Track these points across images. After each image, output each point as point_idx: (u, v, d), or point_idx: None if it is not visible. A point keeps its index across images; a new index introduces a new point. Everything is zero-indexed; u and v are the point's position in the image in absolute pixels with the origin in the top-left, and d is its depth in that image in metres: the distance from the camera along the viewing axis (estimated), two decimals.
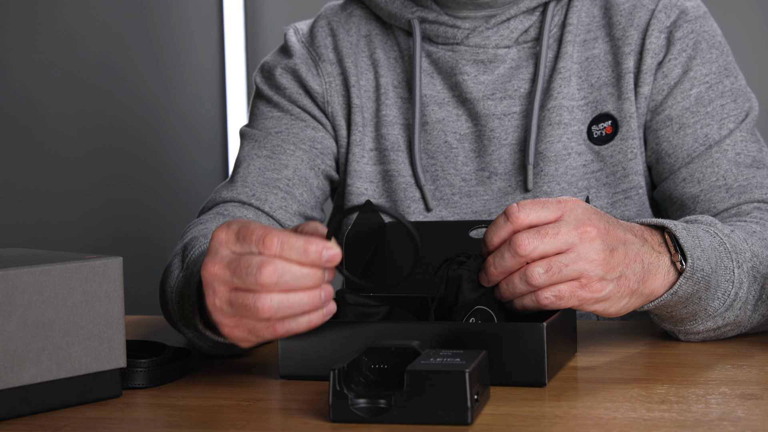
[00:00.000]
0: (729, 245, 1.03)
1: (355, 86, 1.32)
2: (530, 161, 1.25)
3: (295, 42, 1.36)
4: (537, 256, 0.90)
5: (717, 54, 1.28)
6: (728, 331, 1.05)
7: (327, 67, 1.33)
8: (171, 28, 2.32)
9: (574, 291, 0.91)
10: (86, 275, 0.87)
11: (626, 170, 1.26)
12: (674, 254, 0.97)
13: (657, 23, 1.26)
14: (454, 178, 1.28)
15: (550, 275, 0.90)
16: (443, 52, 1.29)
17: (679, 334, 1.05)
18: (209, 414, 0.86)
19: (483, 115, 1.28)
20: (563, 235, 0.90)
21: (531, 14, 1.28)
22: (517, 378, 0.90)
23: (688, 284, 0.97)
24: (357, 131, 1.31)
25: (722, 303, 1.01)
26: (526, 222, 0.91)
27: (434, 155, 1.29)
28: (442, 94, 1.29)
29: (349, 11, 1.36)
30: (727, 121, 1.25)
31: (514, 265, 0.91)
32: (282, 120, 1.33)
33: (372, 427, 0.80)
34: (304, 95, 1.33)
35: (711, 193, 1.22)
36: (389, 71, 1.32)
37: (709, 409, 0.82)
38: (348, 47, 1.33)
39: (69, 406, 0.88)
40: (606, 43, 1.28)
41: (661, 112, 1.26)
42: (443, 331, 0.91)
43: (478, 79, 1.28)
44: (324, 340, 0.94)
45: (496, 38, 1.28)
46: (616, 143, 1.26)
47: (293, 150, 1.30)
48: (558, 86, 1.27)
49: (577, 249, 0.90)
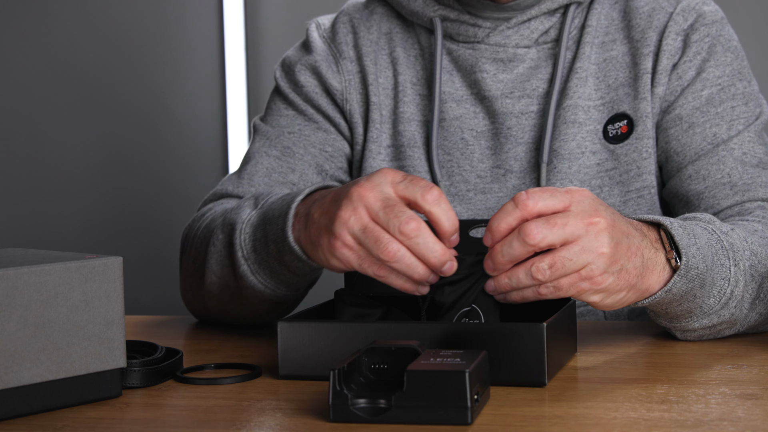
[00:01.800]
0: (726, 243, 1.03)
1: (373, 84, 1.33)
2: (544, 159, 1.26)
3: (317, 38, 1.37)
4: (546, 245, 0.90)
5: (731, 58, 1.29)
6: (724, 329, 1.05)
7: (347, 64, 1.34)
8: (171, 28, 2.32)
9: (574, 282, 0.91)
10: (86, 275, 0.87)
11: (640, 169, 1.27)
12: (669, 251, 0.97)
13: (674, 25, 1.27)
14: (470, 174, 1.29)
15: (553, 271, 0.90)
16: (463, 50, 1.30)
17: (675, 331, 1.05)
18: (209, 414, 0.86)
19: (501, 113, 1.29)
20: (571, 226, 0.90)
21: (552, 16, 1.29)
22: (517, 378, 0.90)
23: (682, 282, 0.97)
24: (374, 128, 1.32)
25: (718, 301, 1.01)
26: (536, 210, 0.91)
27: (450, 152, 1.30)
28: (461, 92, 1.30)
29: (371, 9, 1.37)
30: (736, 123, 1.26)
31: (522, 254, 0.91)
32: (296, 120, 1.34)
33: (372, 427, 0.80)
34: (322, 93, 1.34)
35: (715, 189, 1.23)
36: (408, 69, 1.33)
37: (709, 409, 0.82)
38: (368, 45, 1.34)
39: (69, 406, 0.88)
40: (624, 45, 1.29)
41: (672, 111, 1.27)
42: (443, 331, 0.91)
43: (497, 77, 1.29)
44: (324, 340, 0.94)
45: (516, 38, 1.29)
46: (631, 142, 1.27)
47: (302, 154, 1.31)
48: (574, 86, 1.28)
49: (583, 241, 0.90)
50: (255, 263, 1.09)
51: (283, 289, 1.11)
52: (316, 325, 0.95)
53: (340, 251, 0.94)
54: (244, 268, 1.10)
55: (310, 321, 0.97)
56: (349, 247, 0.94)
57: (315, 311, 1.03)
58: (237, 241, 1.09)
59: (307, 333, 0.94)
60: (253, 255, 1.09)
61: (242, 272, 1.10)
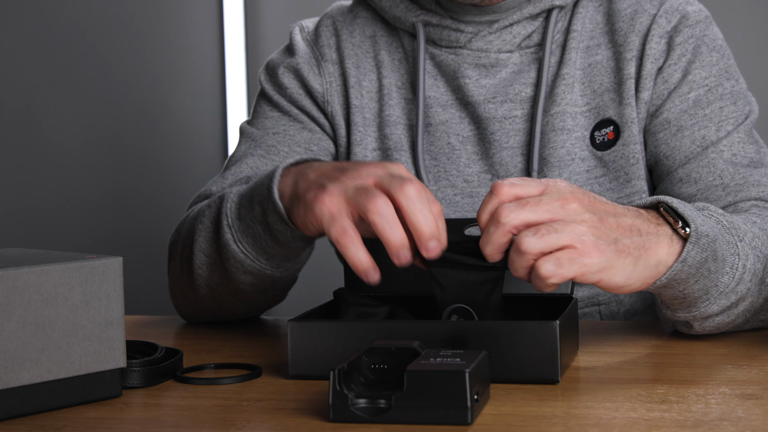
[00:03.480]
0: (726, 222, 1.02)
1: (354, 87, 1.32)
2: (534, 168, 1.26)
3: (300, 40, 1.37)
4: (519, 222, 0.90)
5: (717, 57, 1.28)
6: (740, 314, 1.03)
7: (329, 66, 1.34)
8: (171, 28, 2.32)
9: (573, 257, 0.89)
10: (86, 275, 0.87)
11: (629, 175, 1.26)
12: (674, 222, 0.96)
13: (658, 28, 1.27)
14: (457, 179, 1.29)
15: (539, 237, 0.89)
16: (446, 55, 1.30)
17: (694, 322, 1.03)
18: (209, 414, 0.86)
19: (484, 118, 1.28)
20: (545, 204, 0.90)
21: (534, 20, 1.29)
22: (530, 376, 0.90)
23: (696, 250, 0.95)
24: (357, 131, 1.31)
25: (732, 277, 1.00)
26: (511, 194, 0.91)
27: (437, 156, 1.30)
28: (446, 97, 1.30)
29: (355, 12, 1.37)
30: (725, 124, 1.25)
31: (499, 236, 0.91)
32: (280, 121, 1.34)
33: (372, 427, 0.80)
34: (305, 95, 1.34)
35: (708, 192, 1.22)
36: (393, 72, 1.33)
37: (709, 409, 0.82)
38: (350, 48, 1.34)
39: (69, 406, 0.88)
40: (609, 50, 1.29)
41: (660, 115, 1.26)
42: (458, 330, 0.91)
43: (479, 82, 1.28)
44: (335, 339, 0.94)
45: (498, 43, 1.28)
46: (618, 148, 1.26)
47: (287, 152, 1.31)
48: (561, 92, 1.27)
49: (561, 216, 0.90)
50: (238, 231, 1.08)
51: (263, 261, 1.09)
52: (327, 325, 0.94)
53: (320, 203, 0.94)
54: (227, 236, 1.09)
55: (321, 320, 0.97)
56: (332, 198, 0.94)
57: (317, 312, 1.03)
58: (224, 209, 1.09)
59: (318, 332, 0.94)
60: (237, 223, 1.08)
61: (225, 241, 1.09)
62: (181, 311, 1.26)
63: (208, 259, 1.14)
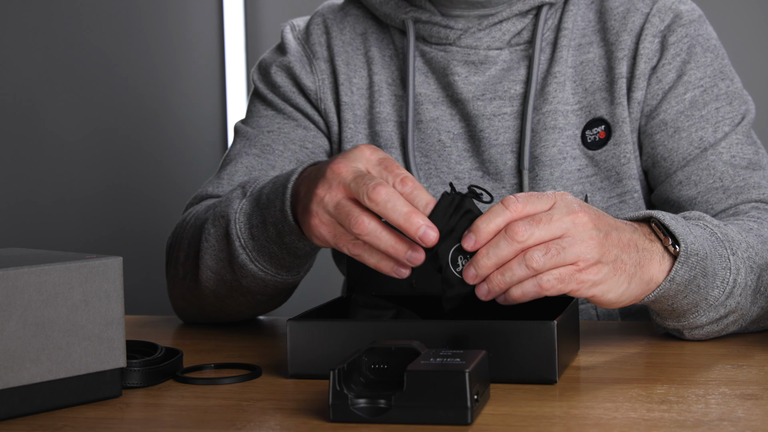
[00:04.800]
0: (720, 234, 1.03)
1: (344, 84, 1.33)
2: (525, 166, 1.25)
3: (291, 39, 1.37)
4: (533, 242, 0.90)
5: (712, 57, 1.27)
6: (731, 323, 1.04)
7: (320, 64, 1.34)
8: (171, 28, 2.32)
9: (572, 274, 0.91)
10: (86, 275, 0.87)
11: (620, 175, 1.26)
12: (665, 239, 0.97)
13: (651, 27, 1.26)
14: (447, 176, 1.29)
15: (549, 257, 0.90)
16: (436, 52, 1.30)
17: (684, 330, 1.04)
18: (209, 414, 0.86)
19: (473, 115, 1.28)
20: (556, 221, 0.91)
21: (524, 17, 1.29)
22: (528, 376, 0.90)
23: (684, 269, 0.97)
24: (348, 128, 1.32)
25: (722, 291, 1.01)
26: (525, 212, 0.91)
27: (428, 153, 1.30)
28: (436, 94, 1.30)
29: (346, 10, 1.37)
30: (722, 124, 1.25)
31: (509, 254, 0.90)
32: (275, 119, 1.34)
33: (372, 427, 0.80)
34: (298, 93, 1.34)
35: (708, 194, 1.22)
36: (383, 69, 1.33)
37: (709, 409, 0.82)
38: (340, 45, 1.35)
39: (69, 406, 0.88)
40: (600, 48, 1.28)
41: (656, 117, 1.26)
42: (457, 329, 0.91)
43: (468, 80, 1.28)
44: (334, 339, 0.94)
45: (487, 40, 1.28)
46: (610, 148, 1.26)
47: (282, 150, 1.31)
48: (553, 90, 1.27)
49: (572, 233, 0.91)
50: (254, 251, 1.09)
51: (284, 274, 1.11)
52: (327, 324, 0.94)
53: (317, 229, 0.96)
54: (243, 257, 1.09)
55: (320, 320, 0.97)
56: (324, 224, 0.95)
57: (319, 311, 1.03)
58: (233, 231, 1.09)
59: (317, 332, 0.94)
60: (251, 243, 1.09)
61: (241, 261, 1.10)
62: (182, 314, 1.27)
63: (215, 276, 1.15)
